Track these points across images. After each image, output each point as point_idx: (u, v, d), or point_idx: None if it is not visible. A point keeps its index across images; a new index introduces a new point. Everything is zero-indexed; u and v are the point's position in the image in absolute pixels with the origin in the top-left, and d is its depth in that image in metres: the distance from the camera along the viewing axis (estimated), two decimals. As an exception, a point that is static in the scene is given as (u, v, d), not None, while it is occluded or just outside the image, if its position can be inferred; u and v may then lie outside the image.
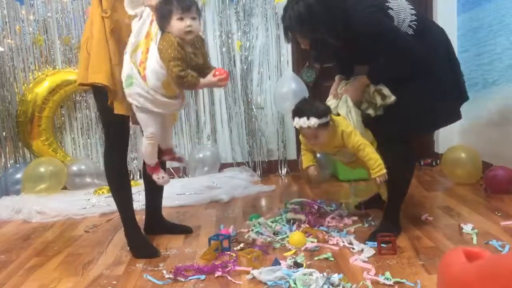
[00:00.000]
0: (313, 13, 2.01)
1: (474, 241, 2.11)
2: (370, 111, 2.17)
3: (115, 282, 1.94)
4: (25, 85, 3.60)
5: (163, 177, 2.20)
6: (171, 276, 1.93)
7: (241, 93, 3.75)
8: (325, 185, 3.25)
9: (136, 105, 2.02)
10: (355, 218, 2.51)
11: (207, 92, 3.74)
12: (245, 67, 3.71)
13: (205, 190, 3.24)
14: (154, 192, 2.46)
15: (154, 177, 2.19)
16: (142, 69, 1.97)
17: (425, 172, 3.54)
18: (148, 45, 1.99)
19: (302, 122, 2.10)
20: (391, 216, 2.27)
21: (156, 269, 2.04)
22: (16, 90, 3.62)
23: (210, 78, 1.99)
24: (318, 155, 3.35)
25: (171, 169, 3.76)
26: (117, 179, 2.24)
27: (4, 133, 3.65)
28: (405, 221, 2.44)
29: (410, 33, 2.10)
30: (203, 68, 2.04)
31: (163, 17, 1.94)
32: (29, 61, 3.61)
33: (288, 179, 3.64)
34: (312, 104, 2.15)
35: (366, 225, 2.41)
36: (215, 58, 3.70)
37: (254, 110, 3.74)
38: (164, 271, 1.98)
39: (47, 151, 3.53)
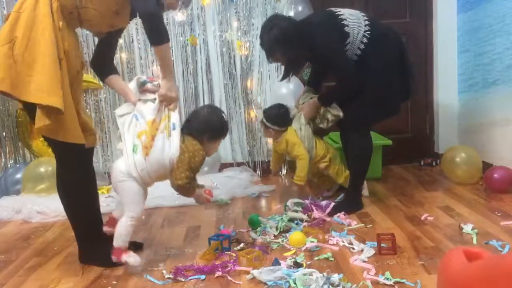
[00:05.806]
0: (287, 36, 2.41)
1: (474, 241, 2.11)
2: (323, 125, 2.71)
3: (115, 282, 1.94)
4: (25, 85, 3.59)
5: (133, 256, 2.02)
6: (171, 276, 1.93)
7: (241, 93, 3.74)
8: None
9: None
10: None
11: (207, 92, 3.74)
12: (245, 67, 3.71)
13: (205, 190, 3.23)
14: None
15: (124, 258, 1.99)
16: (145, 153, 1.95)
17: (425, 172, 3.54)
18: (153, 132, 1.96)
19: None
20: (356, 190, 2.72)
21: (156, 269, 2.04)
22: (16, 90, 3.61)
23: (202, 193, 2.08)
24: None
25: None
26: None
27: (4, 133, 3.65)
28: (405, 221, 2.45)
29: (364, 42, 2.47)
30: None
31: (212, 132, 2.07)
32: (29, 61, 3.60)
33: (288, 179, 3.63)
34: (274, 109, 2.80)
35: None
36: (215, 58, 3.70)
37: (254, 110, 3.74)
38: (164, 271, 1.98)
39: (47, 151, 3.52)
